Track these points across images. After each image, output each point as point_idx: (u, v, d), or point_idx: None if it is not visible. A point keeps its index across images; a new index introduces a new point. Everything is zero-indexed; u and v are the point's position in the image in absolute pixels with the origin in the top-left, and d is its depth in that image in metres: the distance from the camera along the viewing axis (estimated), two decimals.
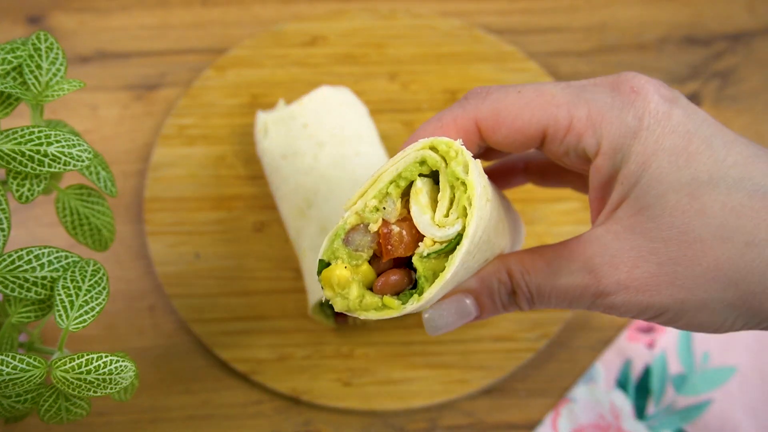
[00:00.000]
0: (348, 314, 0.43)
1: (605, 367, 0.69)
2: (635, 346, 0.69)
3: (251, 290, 0.71)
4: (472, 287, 0.46)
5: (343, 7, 0.85)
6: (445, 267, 0.40)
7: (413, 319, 0.70)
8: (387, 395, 0.67)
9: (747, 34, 0.85)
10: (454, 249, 0.40)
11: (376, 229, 0.41)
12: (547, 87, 0.45)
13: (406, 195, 0.42)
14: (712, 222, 0.40)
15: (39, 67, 0.51)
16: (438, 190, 0.41)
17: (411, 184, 0.41)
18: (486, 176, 0.43)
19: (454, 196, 0.40)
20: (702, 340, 0.69)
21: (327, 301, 0.67)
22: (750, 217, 0.40)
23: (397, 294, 0.42)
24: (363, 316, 0.42)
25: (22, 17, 0.85)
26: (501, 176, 0.58)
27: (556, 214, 0.74)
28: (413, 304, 0.41)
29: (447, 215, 0.40)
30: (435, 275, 0.41)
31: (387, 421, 0.67)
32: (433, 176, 0.42)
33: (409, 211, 0.41)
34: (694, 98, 0.82)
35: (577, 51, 0.84)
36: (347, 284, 0.41)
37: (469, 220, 0.39)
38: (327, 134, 0.71)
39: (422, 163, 0.41)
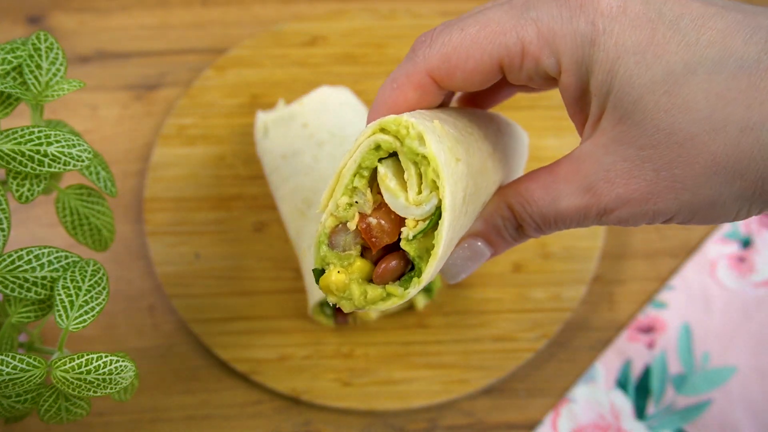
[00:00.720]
0: (358, 311, 0.42)
1: (605, 367, 0.69)
2: (635, 346, 0.69)
3: (251, 290, 0.71)
4: (479, 229, 0.45)
5: (343, 7, 0.85)
6: (431, 240, 0.39)
7: (413, 319, 0.70)
8: (387, 395, 0.67)
9: None
10: (437, 223, 0.39)
11: (355, 227, 0.40)
12: (489, 14, 0.41)
13: (375, 180, 0.40)
14: (698, 115, 0.37)
15: (39, 67, 0.50)
16: (403, 170, 0.40)
17: (376, 169, 0.40)
18: (450, 133, 0.42)
19: (421, 171, 0.39)
20: (702, 340, 0.69)
21: (328, 302, 0.67)
22: (738, 100, 0.36)
23: (398, 278, 0.41)
24: (373, 309, 0.41)
25: (22, 17, 0.85)
26: (484, 97, 0.54)
27: None
28: (416, 287, 0.40)
29: (420, 192, 0.39)
30: (428, 252, 0.40)
31: (387, 421, 0.67)
32: (396, 155, 0.41)
33: (381, 197, 0.40)
34: None
35: None
36: (345, 287, 0.41)
37: (443, 192, 0.38)
38: (327, 134, 0.71)
39: (377, 148, 0.39)
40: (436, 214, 0.39)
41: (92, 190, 0.55)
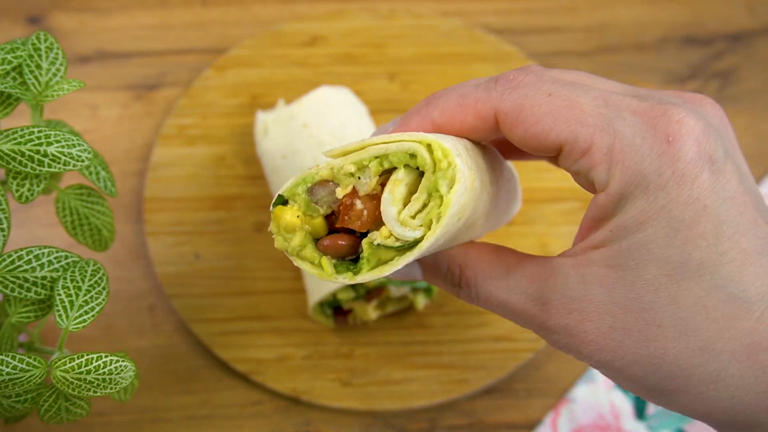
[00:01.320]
0: (286, 254, 0.42)
1: None
2: None
3: (251, 290, 0.71)
4: (425, 261, 0.45)
5: (343, 7, 0.85)
6: (390, 260, 0.39)
7: (413, 319, 0.70)
8: (387, 395, 0.67)
9: (747, 34, 0.85)
10: (405, 250, 0.39)
11: (342, 196, 0.40)
12: (580, 99, 0.40)
13: (385, 173, 0.40)
14: (678, 313, 0.38)
15: (39, 67, 0.50)
16: (417, 185, 0.40)
17: (394, 168, 0.40)
18: (475, 188, 0.41)
19: (428, 203, 0.39)
20: None
21: (327, 302, 0.67)
22: (717, 322, 0.37)
23: (339, 258, 0.41)
24: (297, 263, 0.41)
25: (22, 17, 0.85)
26: (516, 150, 0.54)
27: (556, 214, 0.74)
28: (345, 279, 0.40)
29: (414, 217, 0.39)
30: (378, 262, 0.40)
31: (387, 421, 0.67)
32: (420, 171, 0.40)
33: (382, 189, 0.40)
34: None
35: (577, 51, 0.84)
36: (292, 230, 0.41)
37: (429, 234, 0.38)
38: (327, 134, 0.71)
39: (413, 156, 0.39)
40: (407, 245, 0.39)
41: (92, 190, 0.55)
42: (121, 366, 0.46)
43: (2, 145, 0.47)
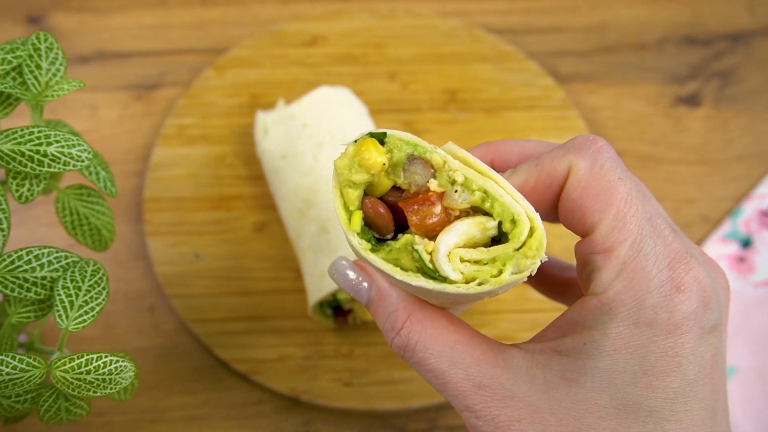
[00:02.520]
0: (332, 177, 0.40)
1: None
2: None
3: (251, 290, 0.71)
4: (380, 286, 0.43)
5: (342, 7, 0.85)
6: (407, 269, 0.39)
7: None
8: (387, 395, 0.67)
9: (747, 34, 0.85)
10: (427, 275, 0.38)
11: (431, 189, 0.38)
12: (636, 203, 0.40)
13: (475, 209, 0.39)
14: None
15: (39, 67, 0.50)
16: (487, 240, 0.39)
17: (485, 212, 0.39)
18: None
19: (486, 264, 0.38)
20: None
21: (327, 302, 0.67)
22: None
23: (365, 223, 0.39)
24: (333, 191, 0.39)
25: (22, 17, 0.85)
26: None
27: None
28: (360, 246, 0.39)
29: (462, 260, 0.38)
30: (395, 261, 0.39)
31: (387, 421, 0.67)
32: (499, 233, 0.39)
33: (460, 215, 0.39)
34: (694, 98, 0.82)
35: (577, 51, 0.84)
36: (366, 168, 0.38)
37: (461, 286, 0.37)
38: (327, 134, 0.71)
39: (513, 222, 0.38)
40: (435, 274, 0.38)
41: (92, 190, 0.55)
42: (121, 366, 0.46)
43: (2, 145, 0.47)
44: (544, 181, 0.42)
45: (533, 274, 0.38)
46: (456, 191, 0.38)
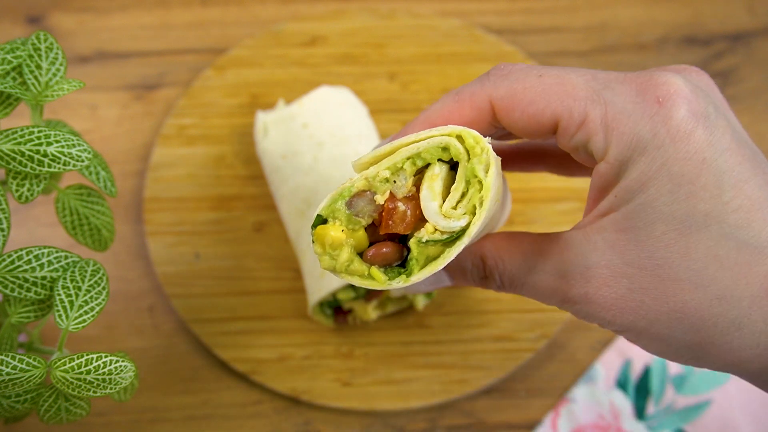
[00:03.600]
0: (333, 273, 0.42)
1: (605, 367, 0.69)
2: (635, 346, 0.69)
3: (251, 290, 0.71)
4: (449, 266, 0.46)
5: (342, 7, 0.85)
6: (438, 255, 0.40)
7: (413, 319, 0.70)
8: (387, 395, 0.67)
9: (747, 34, 0.85)
10: (453, 241, 0.40)
11: (382, 202, 0.41)
12: (570, 76, 0.42)
13: (419, 173, 0.41)
14: (692, 266, 0.38)
15: (39, 67, 0.50)
16: (452, 178, 0.41)
17: (426, 164, 0.41)
18: (502, 174, 0.42)
19: (467, 191, 0.40)
20: None
21: (327, 302, 0.67)
22: (732, 270, 0.37)
23: (385, 267, 0.41)
24: (346, 279, 0.42)
25: (22, 17, 0.85)
26: (517, 159, 0.55)
27: (556, 214, 0.74)
28: (399, 284, 0.41)
29: (455, 207, 0.40)
30: (428, 260, 0.40)
31: (387, 421, 0.67)
32: (450, 163, 0.41)
33: (418, 190, 0.41)
34: None
35: (577, 51, 0.84)
36: (339, 247, 0.41)
37: (476, 219, 0.39)
38: (327, 134, 0.71)
39: (445, 149, 0.40)
40: (455, 234, 0.40)
41: (92, 190, 0.55)
42: (121, 366, 0.46)
43: (2, 145, 0.47)
44: (471, 116, 0.44)
45: (498, 161, 0.40)
46: (394, 182, 0.40)
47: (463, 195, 0.40)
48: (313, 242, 0.41)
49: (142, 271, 0.73)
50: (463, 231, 0.40)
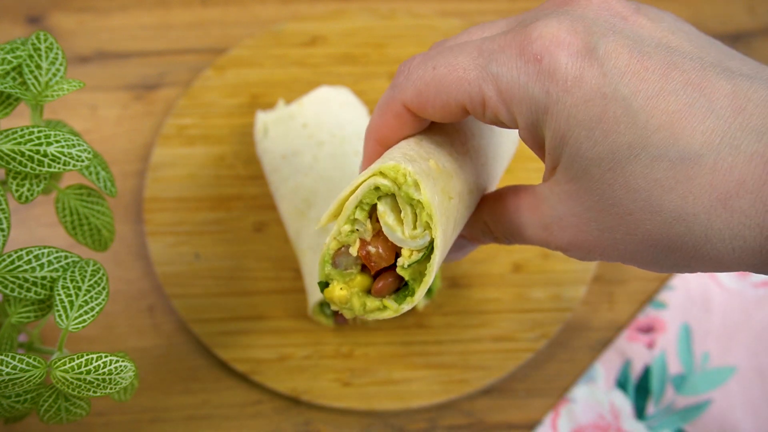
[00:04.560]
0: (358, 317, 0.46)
1: (605, 367, 0.69)
2: (635, 346, 0.69)
3: (251, 290, 0.71)
4: (464, 235, 0.49)
5: (342, 7, 0.85)
6: (424, 267, 0.42)
7: (413, 319, 0.70)
8: (387, 395, 0.67)
9: (747, 34, 0.85)
10: (431, 254, 0.42)
11: (356, 253, 0.43)
12: (458, 59, 0.41)
13: (375, 211, 0.43)
14: (638, 196, 0.38)
15: (39, 67, 0.50)
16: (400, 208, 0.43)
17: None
18: (445, 168, 0.44)
19: (416, 213, 0.42)
20: (702, 340, 0.69)
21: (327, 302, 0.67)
22: (675, 189, 0.36)
23: (395, 291, 0.44)
24: (372, 317, 0.45)
25: (22, 17, 0.85)
26: None
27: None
28: (409, 304, 0.43)
29: (415, 228, 0.42)
30: (422, 275, 0.43)
31: (387, 421, 0.67)
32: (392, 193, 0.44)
33: (379, 223, 0.43)
34: None
35: None
36: (347, 300, 0.44)
37: (435, 232, 0.41)
38: (326, 134, 0.71)
39: (377, 188, 0.42)
40: (429, 247, 0.42)
41: (92, 190, 0.55)
42: (121, 366, 0.46)
43: (2, 145, 0.47)
44: (398, 124, 0.45)
45: (431, 170, 0.42)
46: (358, 230, 0.43)
47: (416, 215, 0.42)
48: (331, 304, 0.45)
49: (142, 271, 0.73)
50: (432, 244, 0.42)
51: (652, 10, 0.41)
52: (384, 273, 0.44)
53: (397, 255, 0.43)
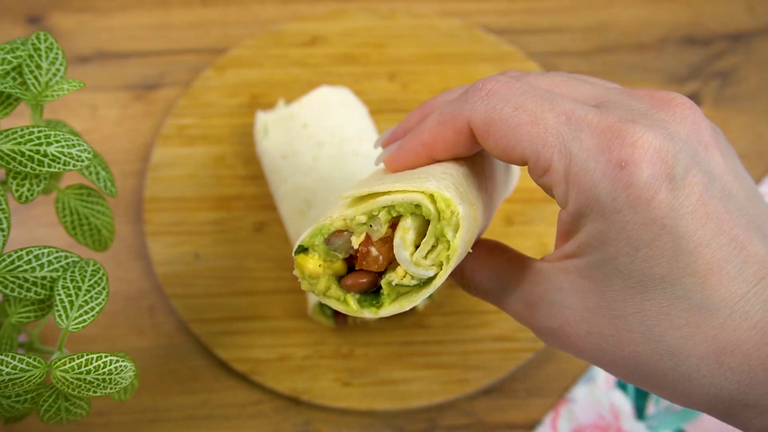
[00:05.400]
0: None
1: None
2: None
3: (251, 290, 0.71)
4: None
5: (342, 7, 0.85)
6: (407, 293, 0.42)
7: (413, 319, 0.70)
8: (387, 395, 0.67)
9: (747, 34, 0.85)
10: (420, 288, 0.42)
11: (356, 246, 0.42)
12: (546, 116, 0.41)
13: (395, 219, 0.42)
14: (645, 321, 0.39)
15: (39, 67, 0.50)
16: (424, 228, 0.42)
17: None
18: (478, 219, 0.44)
19: (437, 245, 0.41)
20: None
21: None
22: (682, 329, 0.39)
23: (362, 292, 0.44)
24: (323, 301, 0.44)
25: (22, 17, 0.85)
26: None
27: (555, 214, 0.74)
28: (369, 314, 0.43)
29: (425, 257, 0.41)
30: (398, 296, 0.43)
31: (387, 421, 0.67)
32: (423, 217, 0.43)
33: (392, 231, 0.42)
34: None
35: (577, 51, 0.84)
36: (316, 277, 0.43)
37: (442, 274, 0.41)
38: (326, 134, 0.71)
39: (418, 206, 0.41)
40: (424, 281, 0.42)
41: (92, 190, 0.55)
42: (121, 366, 0.46)
43: (2, 145, 0.47)
44: (455, 139, 0.44)
45: (470, 217, 0.42)
46: (370, 226, 0.42)
47: (434, 247, 0.41)
48: (295, 267, 0.44)
49: (142, 271, 0.73)
50: (431, 280, 0.41)
51: (722, 139, 0.43)
52: (361, 272, 0.43)
53: (388, 265, 0.43)
